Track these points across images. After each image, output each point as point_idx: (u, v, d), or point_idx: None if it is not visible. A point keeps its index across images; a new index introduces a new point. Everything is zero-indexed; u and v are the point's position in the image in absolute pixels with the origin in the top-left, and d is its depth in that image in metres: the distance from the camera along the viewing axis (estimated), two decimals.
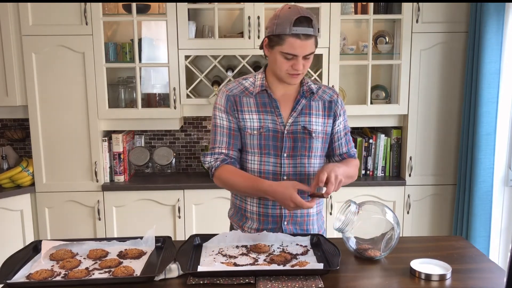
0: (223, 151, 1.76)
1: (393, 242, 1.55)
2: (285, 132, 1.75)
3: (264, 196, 1.68)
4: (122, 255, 1.56)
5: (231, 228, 1.94)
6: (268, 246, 1.63)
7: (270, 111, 1.75)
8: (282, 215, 1.79)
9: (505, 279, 1.16)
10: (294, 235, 1.68)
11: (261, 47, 1.75)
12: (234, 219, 1.90)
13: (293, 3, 1.70)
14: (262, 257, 1.56)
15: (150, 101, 3.22)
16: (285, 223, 1.80)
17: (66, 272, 1.43)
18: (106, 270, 1.46)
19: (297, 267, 1.44)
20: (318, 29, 1.66)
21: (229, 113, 1.76)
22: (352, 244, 1.57)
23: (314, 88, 1.79)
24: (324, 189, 1.60)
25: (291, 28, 1.59)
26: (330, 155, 1.88)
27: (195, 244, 1.64)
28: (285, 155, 1.75)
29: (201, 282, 1.38)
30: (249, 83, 1.78)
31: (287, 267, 1.46)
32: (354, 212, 1.54)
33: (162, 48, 3.09)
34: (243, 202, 1.84)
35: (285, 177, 1.76)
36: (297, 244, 1.65)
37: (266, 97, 1.76)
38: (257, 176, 1.75)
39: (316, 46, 1.67)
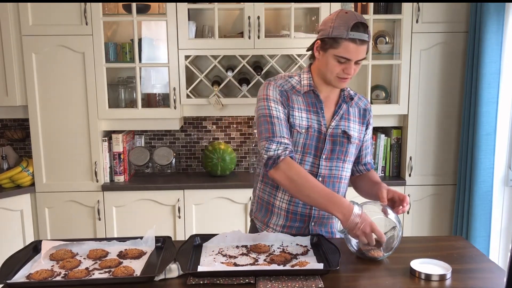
0: (286, 141, 1.68)
1: (396, 241, 1.55)
2: (327, 134, 1.76)
3: (332, 212, 1.57)
4: (122, 255, 1.56)
5: (253, 229, 1.91)
6: (268, 246, 1.63)
7: (316, 112, 1.76)
8: (311, 215, 1.79)
9: (505, 279, 1.16)
10: (295, 235, 1.68)
11: (309, 49, 1.76)
12: (258, 215, 1.88)
13: (345, 9, 1.71)
14: (262, 257, 1.56)
15: (150, 101, 3.22)
16: (312, 223, 1.80)
17: (66, 272, 1.43)
18: (106, 270, 1.46)
19: (297, 267, 1.44)
20: (370, 35, 1.68)
21: (284, 106, 1.73)
22: (355, 244, 1.57)
23: (352, 94, 1.83)
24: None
25: (349, 32, 1.60)
26: (355, 163, 1.89)
27: (195, 244, 1.64)
28: (323, 156, 1.76)
29: (201, 282, 1.38)
30: (295, 81, 1.78)
31: (287, 267, 1.46)
32: (358, 214, 1.54)
33: (162, 48, 3.08)
34: (271, 197, 1.81)
35: (320, 179, 1.76)
36: (297, 244, 1.65)
37: (313, 97, 1.77)
38: None
39: (367, 53, 1.69)
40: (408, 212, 3.12)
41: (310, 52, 1.79)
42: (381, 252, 1.54)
